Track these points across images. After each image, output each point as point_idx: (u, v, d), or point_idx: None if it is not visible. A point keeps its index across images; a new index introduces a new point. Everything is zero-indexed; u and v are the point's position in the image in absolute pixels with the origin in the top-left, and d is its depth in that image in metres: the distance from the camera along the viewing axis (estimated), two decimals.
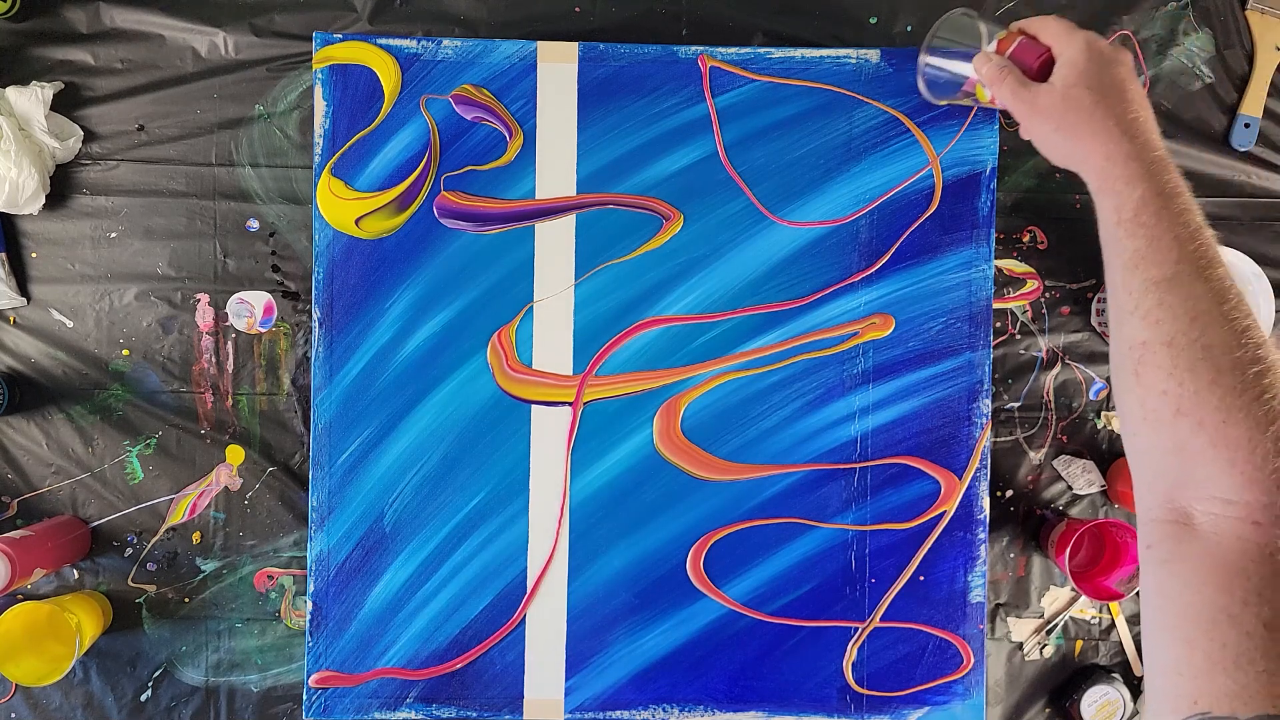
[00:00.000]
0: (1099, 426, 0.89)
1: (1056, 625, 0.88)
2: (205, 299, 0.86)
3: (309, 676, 0.83)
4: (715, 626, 0.84)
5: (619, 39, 0.85)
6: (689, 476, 0.84)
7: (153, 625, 0.86)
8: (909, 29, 0.87)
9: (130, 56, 0.86)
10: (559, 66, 0.83)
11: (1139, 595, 0.83)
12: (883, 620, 0.84)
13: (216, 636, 0.86)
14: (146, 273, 0.86)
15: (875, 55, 0.84)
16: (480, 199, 0.83)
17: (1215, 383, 0.48)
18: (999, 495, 0.88)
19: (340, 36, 0.83)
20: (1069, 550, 0.81)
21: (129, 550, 0.86)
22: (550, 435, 0.83)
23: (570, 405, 0.84)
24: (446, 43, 0.83)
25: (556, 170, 0.83)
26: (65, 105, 0.85)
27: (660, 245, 0.84)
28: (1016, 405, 0.88)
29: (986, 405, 0.84)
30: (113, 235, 0.86)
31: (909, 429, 0.84)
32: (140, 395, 0.86)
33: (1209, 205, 0.88)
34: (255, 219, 0.86)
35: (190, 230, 0.86)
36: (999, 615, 0.88)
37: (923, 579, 0.84)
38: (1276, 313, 0.82)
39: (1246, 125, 0.88)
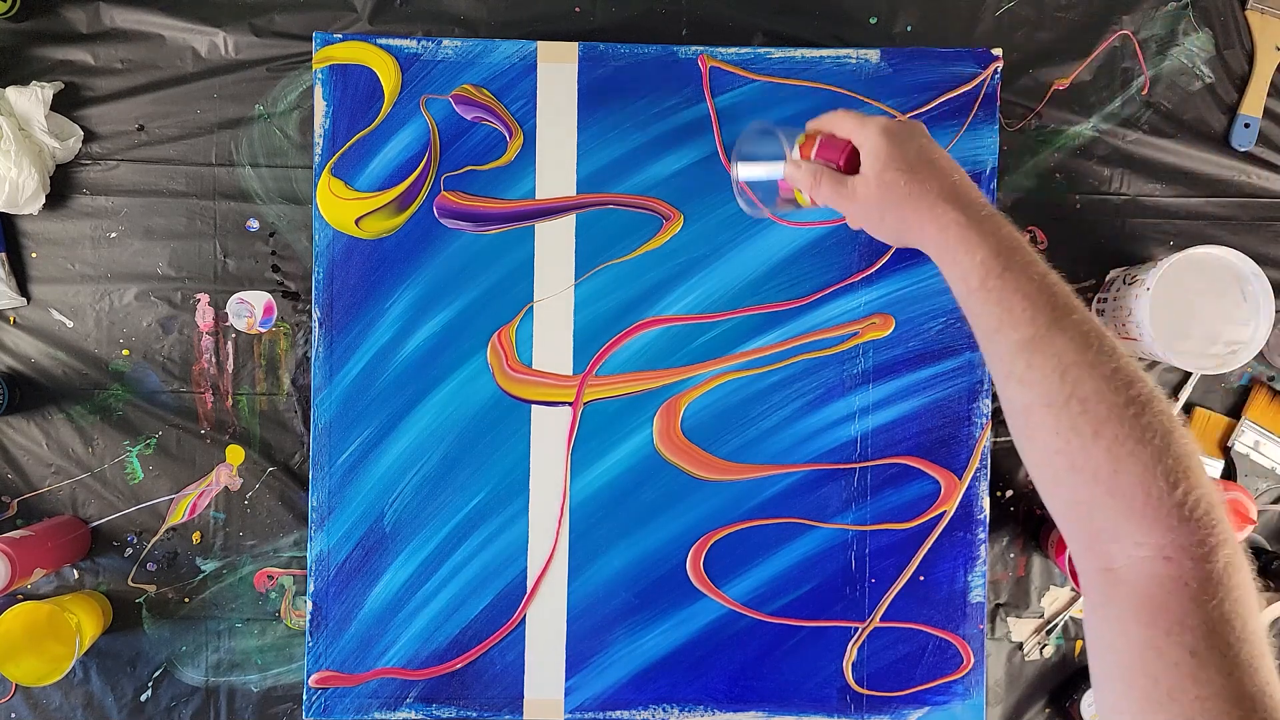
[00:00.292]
0: None
1: (1056, 625, 0.88)
2: (205, 299, 0.86)
3: (309, 676, 0.83)
4: (715, 626, 0.84)
5: (619, 39, 0.85)
6: (689, 476, 0.84)
7: (153, 625, 0.86)
8: (909, 29, 0.87)
9: (130, 56, 0.86)
10: (559, 66, 0.83)
11: None
12: (883, 620, 0.84)
13: (216, 636, 0.86)
14: (146, 273, 0.86)
15: (875, 55, 0.84)
16: (480, 199, 0.83)
17: (1098, 434, 0.48)
18: (999, 495, 0.88)
19: (340, 36, 0.83)
20: (1069, 550, 0.81)
21: (129, 550, 0.86)
22: (550, 435, 0.83)
23: (570, 405, 0.84)
24: (446, 43, 0.83)
25: (556, 170, 0.83)
26: (65, 105, 0.85)
27: (660, 245, 0.84)
28: None
29: (986, 405, 0.84)
30: (113, 235, 0.86)
31: (909, 429, 0.84)
32: (140, 395, 0.86)
33: (1209, 205, 0.88)
34: (255, 219, 0.86)
35: (190, 230, 0.86)
36: (999, 615, 0.88)
37: (923, 579, 0.84)
38: (1276, 313, 0.82)
39: (1246, 125, 0.88)
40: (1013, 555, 0.88)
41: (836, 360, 0.84)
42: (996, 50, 0.84)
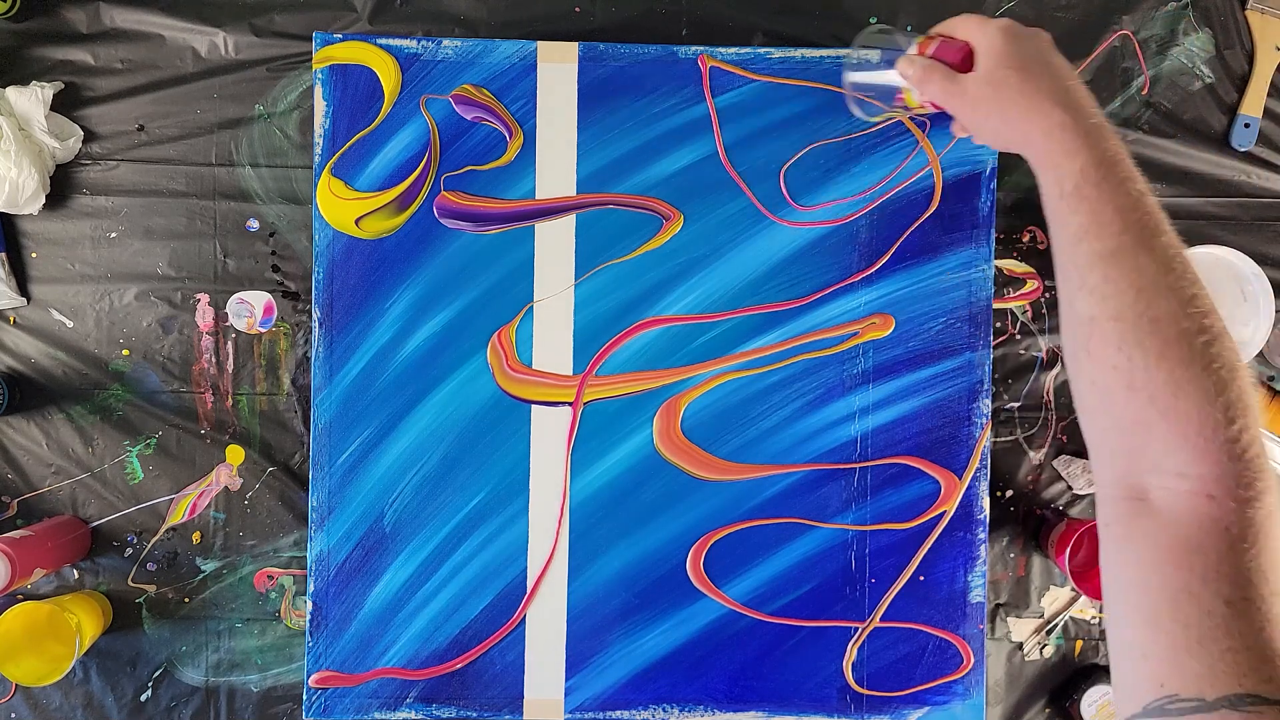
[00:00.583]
0: None
1: (1056, 625, 0.88)
2: (205, 299, 0.86)
3: (309, 676, 0.83)
4: (715, 626, 0.84)
5: (619, 39, 0.85)
6: (689, 476, 0.84)
7: (153, 625, 0.86)
8: (909, 29, 0.87)
9: (130, 56, 0.86)
10: (559, 66, 0.83)
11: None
12: (883, 620, 0.84)
13: (216, 636, 0.86)
14: (146, 273, 0.86)
15: (875, 55, 0.84)
16: (480, 199, 0.83)
17: (1164, 355, 0.47)
18: (999, 495, 0.88)
19: (340, 36, 0.83)
20: (1069, 550, 0.81)
21: (129, 550, 0.86)
22: (550, 435, 0.83)
23: (570, 405, 0.84)
24: (446, 43, 0.83)
25: (556, 170, 0.83)
26: (65, 105, 0.85)
27: (660, 245, 0.84)
28: (1016, 405, 0.88)
29: (986, 405, 0.84)
30: (113, 235, 0.86)
31: (909, 429, 0.84)
32: (140, 395, 0.86)
33: (1209, 205, 0.88)
34: (255, 219, 0.86)
35: (190, 230, 0.86)
36: (999, 615, 0.88)
37: (923, 579, 0.84)
38: (1277, 312, 0.82)
39: (1246, 125, 0.88)
40: (1013, 555, 0.88)
41: (836, 360, 0.84)
42: None
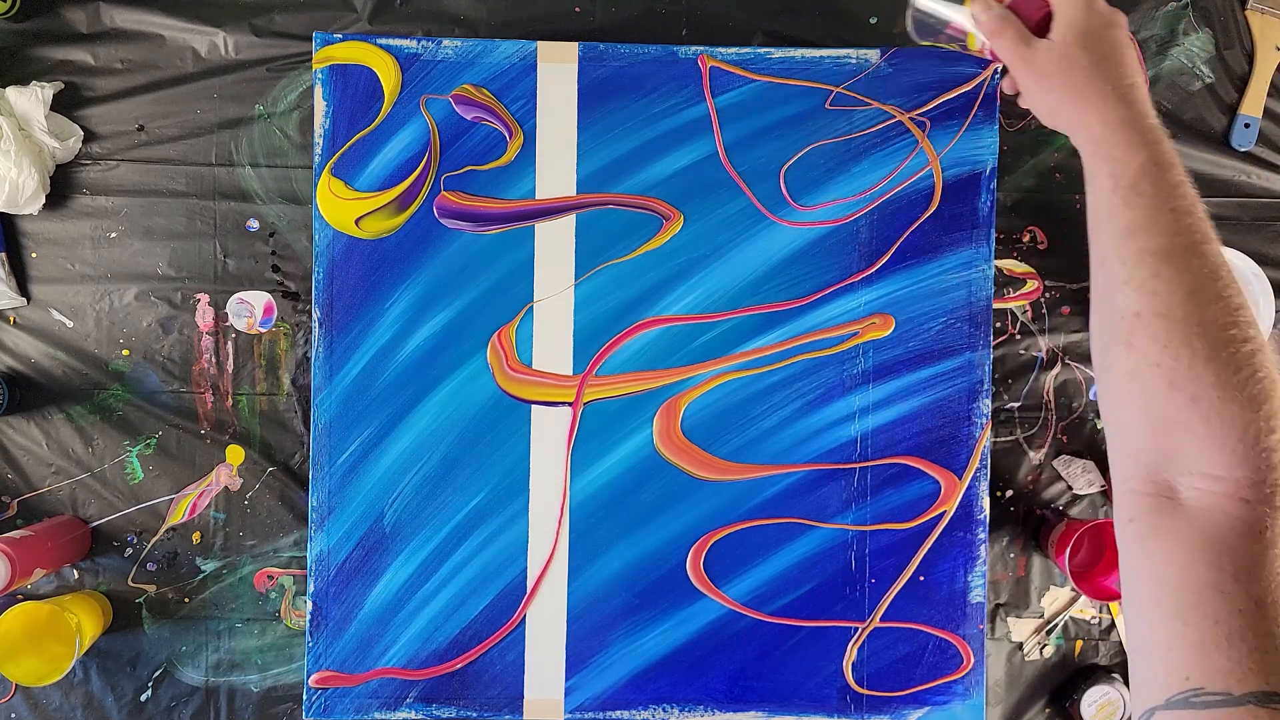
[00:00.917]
0: (1099, 427, 0.89)
1: (1056, 625, 0.88)
2: (205, 299, 0.86)
3: (309, 676, 0.83)
4: (715, 626, 0.84)
5: (619, 39, 0.85)
6: (689, 476, 0.84)
7: (153, 625, 0.86)
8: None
9: (130, 56, 0.86)
10: (559, 66, 0.83)
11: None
12: (883, 620, 0.84)
13: (216, 636, 0.86)
14: (146, 273, 0.86)
15: (875, 55, 0.84)
16: (480, 199, 0.83)
17: (1211, 358, 0.48)
18: (999, 495, 0.88)
19: (340, 36, 0.83)
20: (1069, 550, 0.81)
21: (129, 550, 0.86)
22: (550, 435, 0.83)
23: (570, 405, 0.84)
24: (446, 43, 0.83)
25: (556, 170, 0.83)
26: (65, 105, 0.85)
27: (660, 245, 0.84)
28: (1016, 405, 0.88)
29: (986, 405, 0.84)
30: (113, 235, 0.86)
31: (909, 429, 0.84)
32: (140, 395, 0.86)
33: (1209, 205, 0.88)
34: (255, 219, 0.86)
35: (190, 230, 0.86)
36: (999, 615, 0.88)
37: (923, 579, 0.84)
38: (1277, 312, 0.82)
39: (1246, 125, 0.88)
40: (1013, 555, 0.88)
41: (836, 360, 0.84)
42: None
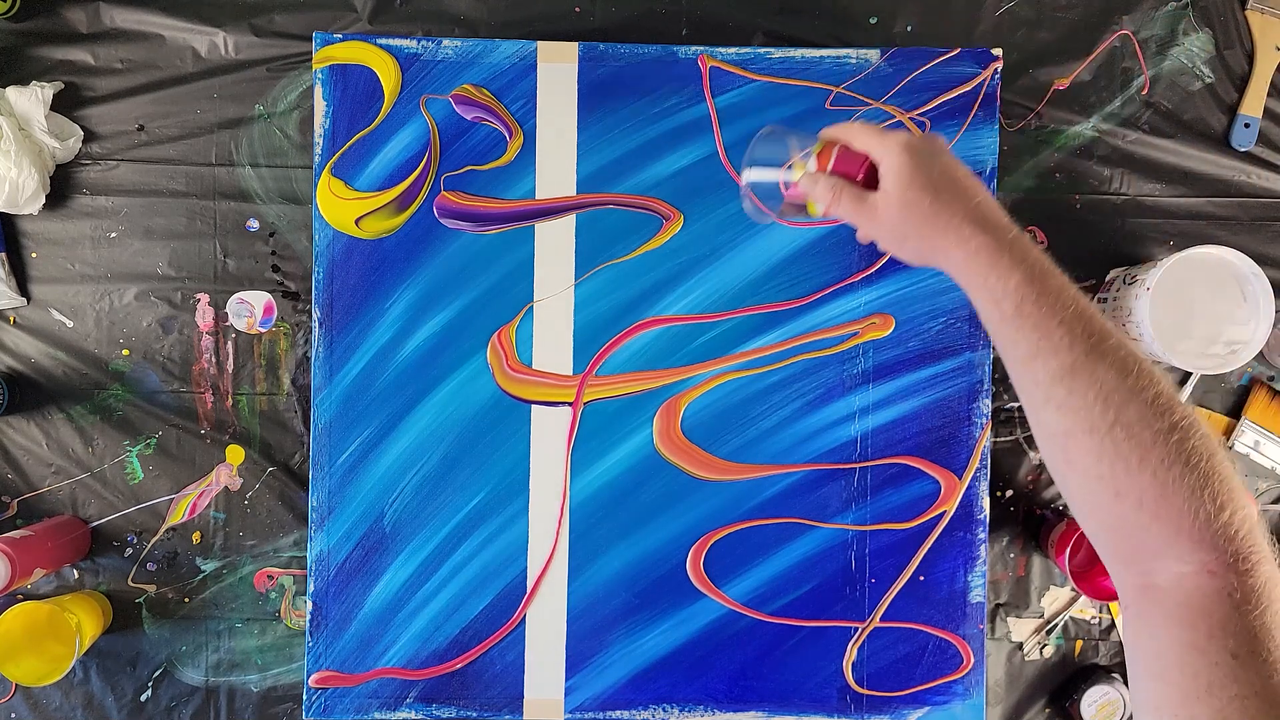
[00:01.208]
0: None
1: (1056, 625, 0.88)
2: (205, 299, 0.86)
3: (309, 676, 0.83)
4: (715, 626, 0.84)
5: (619, 39, 0.85)
6: (689, 476, 0.84)
7: (153, 625, 0.86)
8: (909, 29, 0.87)
9: (130, 56, 0.86)
10: (559, 66, 0.83)
11: None
12: (883, 620, 0.84)
13: (216, 636, 0.86)
14: (146, 273, 0.86)
15: (875, 55, 0.84)
16: (480, 199, 0.83)
17: (1144, 460, 0.49)
18: (999, 495, 0.88)
19: (340, 36, 0.83)
20: (1069, 550, 0.81)
21: (129, 550, 0.86)
22: (550, 435, 0.83)
23: (570, 405, 0.83)
24: (446, 43, 0.83)
25: (556, 170, 0.83)
26: (65, 105, 0.85)
27: (660, 245, 0.84)
28: (1016, 405, 0.88)
29: (986, 405, 0.84)
30: (113, 235, 0.86)
31: (909, 429, 0.84)
32: (140, 395, 0.86)
33: (1209, 205, 0.88)
34: (255, 219, 0.86)
35: (190, 230, 0.86)
36: (999, 615, 0.88)
37: (923, 579, 0.84)
38: (1276, 313, 0.82)
39: (1246, 125, 0.88)
40: (1013, 555, 0.88)
41: (836, 360, 0.84)
42: (996, 50, 0.84)
